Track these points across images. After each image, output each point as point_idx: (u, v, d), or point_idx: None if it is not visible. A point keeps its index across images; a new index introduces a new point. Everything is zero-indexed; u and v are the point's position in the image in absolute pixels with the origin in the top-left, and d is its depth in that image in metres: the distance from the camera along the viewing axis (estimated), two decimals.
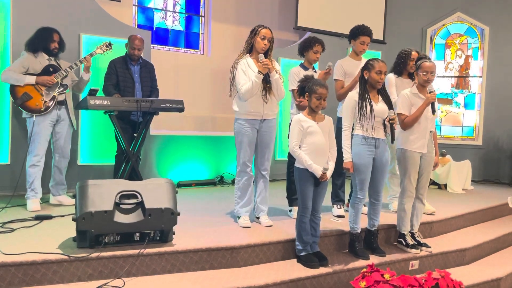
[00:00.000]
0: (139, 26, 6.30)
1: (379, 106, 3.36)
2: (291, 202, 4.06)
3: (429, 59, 3.59)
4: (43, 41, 4.08)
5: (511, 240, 4.52)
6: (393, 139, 3.44)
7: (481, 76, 7.38)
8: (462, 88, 7.56)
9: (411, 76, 4.28)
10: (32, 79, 3.97)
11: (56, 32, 4.16)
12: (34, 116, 4.00)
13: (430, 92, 3.52)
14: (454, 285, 2.87)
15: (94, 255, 2.74)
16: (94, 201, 2.79)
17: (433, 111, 3.60)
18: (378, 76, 3.32)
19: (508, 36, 7.17)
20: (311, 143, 3.13)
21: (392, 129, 3.39)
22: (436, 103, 3.63)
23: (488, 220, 4.91)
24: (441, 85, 7.58)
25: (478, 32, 7.39)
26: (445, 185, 6.10)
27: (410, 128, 3.55)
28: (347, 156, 3.35)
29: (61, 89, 4.10)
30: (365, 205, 3.67)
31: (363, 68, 3.40)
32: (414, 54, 4.22)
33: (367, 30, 4.08)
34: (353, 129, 3.40)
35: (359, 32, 4.08)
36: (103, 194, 2.83)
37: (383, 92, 3.44)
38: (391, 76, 4.29)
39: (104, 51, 4.33)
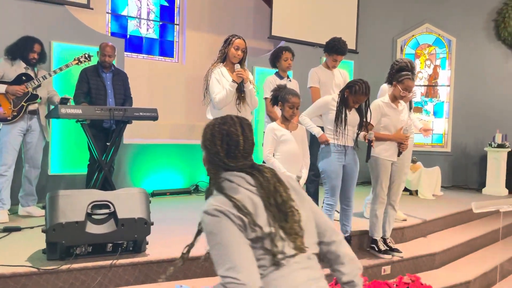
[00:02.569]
0: (113, 33, 6.24)
1: (352, 115, 3.44)
2: None
3: (413, 72, 3.67)
4: (22, 50, 4.02)
5: (479, 244, 4.66)
6: (368, 158, 3.50)
7: (449, 85, 7.63)
8: (432, 96, 7.79)
9: None
10: (2, 88, 3.89)
11: (38, 43, 4.09)
12: (1, 124, 3.92)
13: (406, 136, 3.64)
14: None
15: (64, 267, 2.68)
16: (65, 212, 2.73)
17: (399, 154, 3.68)
18: (354, 104, 3.38)
19: (474, 46, 7.45)
20: (284, 151, 3.17)
21: (369, 149, 3.46)
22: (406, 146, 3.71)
23: (457, 225, 5.06)
24: (415, 92, 7.77)
25: (445, 43, 7.65)
26: (416, 191, 6.26)
27: None
28: (317, 131, 3.41)
29: (31, 99, 4.02)
30: (337, 211, 3.73)
31: (347, 87, 3.39)
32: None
33: (342, 51, 4.13)
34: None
35: (334, 50, 4.13)
36: (74, 204, 2.78)
37: None
38: (385, 87, 4.36)
39: (82, 63, 4.28)
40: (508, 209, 2.64)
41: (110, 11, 6.25)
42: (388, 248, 3.76)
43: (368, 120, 3.47)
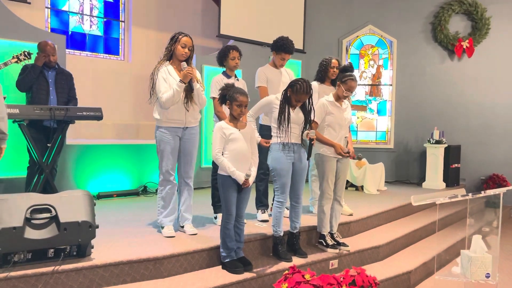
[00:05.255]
0: (53, 30, 5.96)
1: (296, 113, 3.50)
2: (216, 209, 4.07)
3: (353, 70, 3.82)
4: None
5: (418, 236, 4.91)
6: (309, 156, 3.58)
7: (391, 85, 7.98)
8: (375, 95, 8.11)
9: (333, 82, 4.52)
10: None
11: None
12: None
13: (346, 153, 3.77)
14: (369, 281, 3.06)
15: (1, 275, 2.53)
16: (1, 217, 2.58)
17: (356, 158, 3.82)
18: (296, 102, 3.45)
19: (413, 47, 7.85)
20: (233, 150, 3.17)
21: (310, 147, 3.53)
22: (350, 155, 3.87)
23: (399, 218, 5.31)
24: (356, 92, 8.07)
25: (387, 44, 7.99)
26: (362, 187, 6.49)
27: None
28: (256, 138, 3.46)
29: None
30: (287, 208, 3.79)
31: (289, 86, 3.45)
32: (334, 62, 4.48)
33: (290, 49, 4.16)
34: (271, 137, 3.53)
35: (282, 48, 4.16)
36: (11, 209, 2.63)
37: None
38: (314, 84, 4.48)
39: (21, 61, 4.08)
40: (444, 201, 2.82)
41: (49, 6, 5.96)
42: (335, 243, 3.87)
43: (313, 118, 3.56)
